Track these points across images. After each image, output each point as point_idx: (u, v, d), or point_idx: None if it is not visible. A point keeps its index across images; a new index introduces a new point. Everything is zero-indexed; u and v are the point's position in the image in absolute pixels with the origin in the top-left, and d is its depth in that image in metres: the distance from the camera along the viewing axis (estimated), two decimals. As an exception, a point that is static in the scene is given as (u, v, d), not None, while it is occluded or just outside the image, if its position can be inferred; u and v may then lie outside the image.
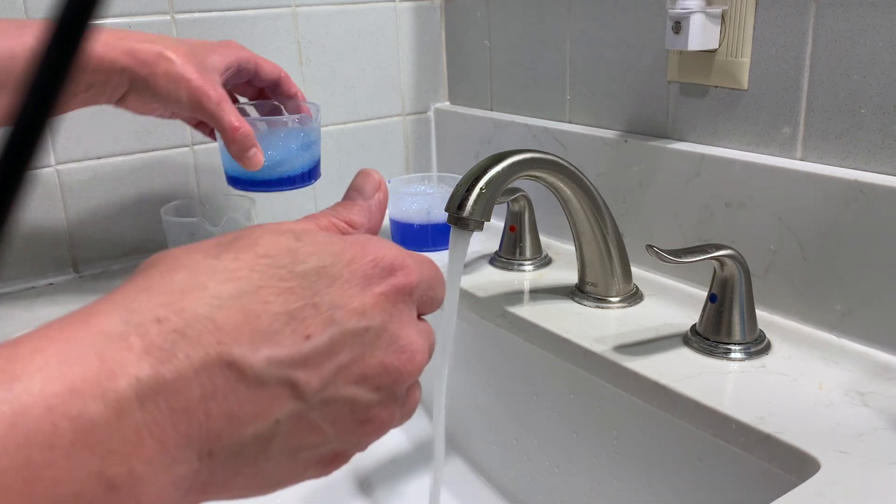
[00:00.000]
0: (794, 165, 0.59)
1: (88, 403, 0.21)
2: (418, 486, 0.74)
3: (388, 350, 0.28)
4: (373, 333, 0.28)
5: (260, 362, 0.24)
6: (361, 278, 0.28)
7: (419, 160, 1.01)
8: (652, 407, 0.55)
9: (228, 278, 0.25)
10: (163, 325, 0.23)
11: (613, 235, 0.66)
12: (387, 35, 0.94)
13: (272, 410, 0.25)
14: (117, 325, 0.23)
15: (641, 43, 0.71)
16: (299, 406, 0.26)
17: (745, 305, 0.56)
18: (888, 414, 0.48)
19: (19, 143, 0.18)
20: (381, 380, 0.28)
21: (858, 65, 0.55)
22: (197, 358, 0.23)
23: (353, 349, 0.27)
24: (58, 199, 0.78)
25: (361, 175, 0.35)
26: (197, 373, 0.23)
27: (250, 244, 0.27)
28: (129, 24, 0.78)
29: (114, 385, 0.21)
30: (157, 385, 0.22)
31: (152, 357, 0.22)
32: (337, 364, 0.27)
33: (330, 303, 0.27)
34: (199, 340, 0.23)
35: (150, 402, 0.22)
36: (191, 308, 0.24)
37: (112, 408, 0.21)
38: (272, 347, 0.25)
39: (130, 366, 0.22)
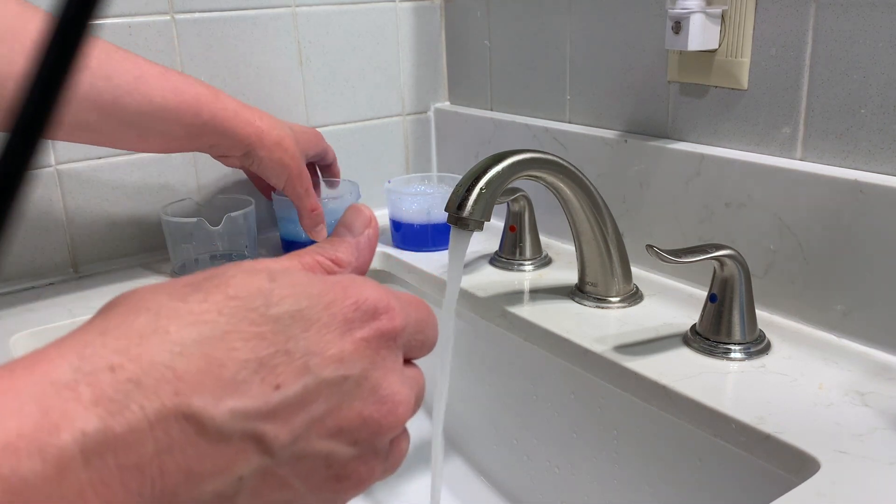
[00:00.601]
0: (794, 165, 0.59)
1: (23, 460, 0.19)
2: (418, 486, 0.74)
3: (367, 401, 0.26)
4: (352, 382, 0.26)
5: (222, 414, 0.23)
6: (341, 322, 0.26)
7: (419, 160, 1.01)
8: (652, 407, 0.55)
9: (193, 322, 0.23)
10: (116, 373, 0.21)
11: (613, 235, 0.66)
12: (387, 35, 0.94)
13: (235, 466, 0.23)
14: (66, 373, 0.21)
15: (641, 43, 0.71)
16: (266, 461, 0.24)
17: (745, 305, 0.56)
18: (888, 414, 0.48)
19: (19, 143, 0.18)
20: (360, 433, 0.26)
21: (858, 65, 0.55)
22: (152, 410, 0.21)
23: (329, 400, 0.25)
24: (58, 199, 0.78)
25: (351, 210, 0.33)
26: (151, 426, 0.21)
27: (221, 284, 0.25)
28: (129, 24, 0.78)
29: (56, 440, 0.20)
30: (106, 439, 0.20)
31: (101, 409, 0.21)
32: (310, 416, 0.25)
33: (305, 349, 0.25)
34: (156, 390, 0.22)
35: (96, 459, 0.20)
36: (148, 355, 0.22)
37: (52, 465, 0.19)
38: (237, 398, 0.23)
39: (77, 418, 0.20)
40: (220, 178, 0.87)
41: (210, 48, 0.83)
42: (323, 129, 0.92)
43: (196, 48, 0.82)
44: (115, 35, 0.77)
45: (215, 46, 0.83)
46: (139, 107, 0.62)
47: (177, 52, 0.81)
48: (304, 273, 0.28)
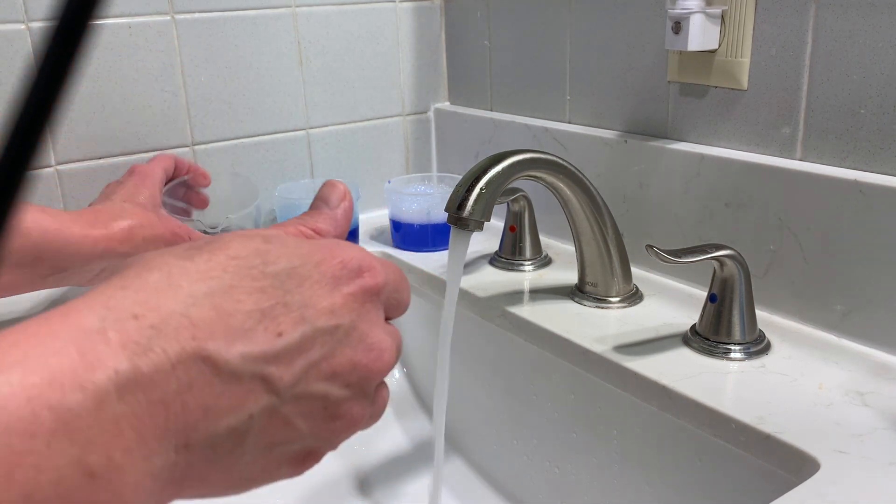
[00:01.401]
0: (793, 165, 0.59)
1: (68, 394, 0.21)
2: (418, 486, 0.74)
3: (357, 348, 0.29)
4: (342, 332, 0.29)
5: (234, 357, 0.25)
6: (330, 279, 0.29)
7: (419, 160, 1.01)
8: (652, 407, 0.55)
9: (202, 278, 0.26)
10: (139, 321, 0.24)
11: (613, 235, 0.66)
12: (387, 35, 0.94)
13: (246, 404, 0.26)
14: (95, 321, 0.23)
15: (641, 43, 0.71)
16: (272, 400, 0.26)
17: (744, 305, 0.56)
18: (888, 414, 0.48)
19: (19, 143, 0.18)
20: (351, 376, 0.29)
21: (858, 65, 0.55)
22: (173, 352, 0.24)
23: (324, 347, 0.28)
24: (58, 199, 0.78)
25: (327, 185, 0.36)
26: (173, 366, 0.24)
27: (221, 247, 0.27)
28: (129, 24, 0.78)
29: (93, 377, 0.22)
30: (135, 377, 0.23)
31: (129, 351, 0.23)
32: (308, 360, 0.27)
33: (300, 302, 0.27)
34: (175, 336, 0.24)
35: (128, 394, 0.22)
36: (166, 305, 0.24)
37: (91, 398, 0.22)
38: (246, 343, 0.25)
39: (109, 359, 0.22)
40: (220, 178, 0.87)
41: (210, 48, 0.83)
42: (323, 129, 0.92)
43: (196, 48, 0.82)
44: (115, 35, 0.77)
45: (215, 46, 0.83)
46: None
47: (177, 52, 0.81)
48: (293, 237, 0.30)
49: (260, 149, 0.88)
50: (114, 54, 0.78)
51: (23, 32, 0.73)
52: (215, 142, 0.85)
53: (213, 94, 0.84)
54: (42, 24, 0.74)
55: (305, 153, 0.92)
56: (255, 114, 0.87)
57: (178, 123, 0.82)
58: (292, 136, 0.90)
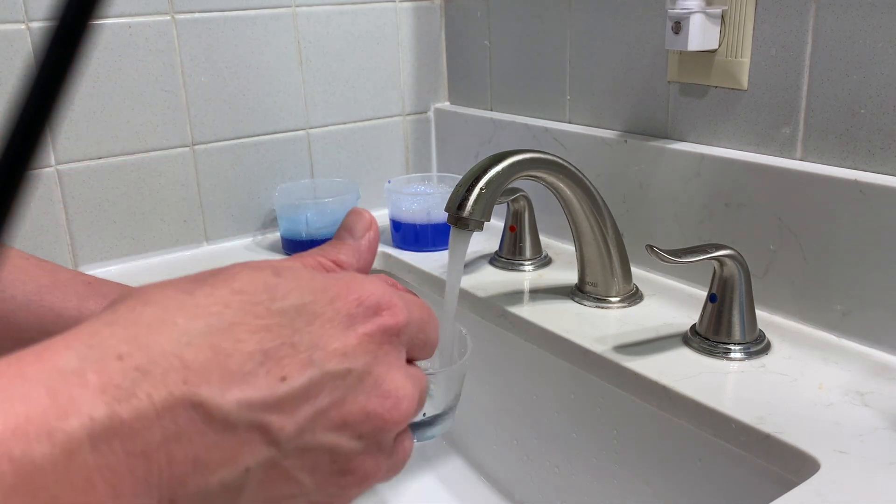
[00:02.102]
0: (794, 165, 0.59)
1: (33, 444, 0.19)
2: (418, 486, 0.74)
3: (371, 394, 0.26)
4: (355, 376, 0.26)
5: (229, 404, 0.23)
6: (345, 317, 0.26)
7: (419, 160, 1.01)
8: (652, 407, 0.55)
9: (200, 314, 0.24)
10: (124, 361, 0.22)
11: (613, 235, 0.66)
12: (387, 35, 0.94)
13: (242, 457, 0.23)
14: (73, 361, 0.21)
15: (641, 43, 0.71)
16: (272, 453, 0.24)
17: (744, 305, 0.56)
18: (888, 414, 0.48)
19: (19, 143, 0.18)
20: (364, 427, 0.26)
21: (858, 65, 0.55)
22: (159, 398, 0.21)
23: (333, 393, 0.25)
24: (58, 199, 0.78)
25: (352, 214, 0.33)
26: (159, 414, 0.21)
27: (227, 280, 0.25)
28: (129, 24, 0.78)
29: (64, 425, 0.20)
30: (113, 426, 0.21)
31: (109, 396, 0.21)
32: (315, 409, 0.25)
33: (309, 342, 0.25)
34: (164, 379, 0.22)
35: (103, 445, 0.20)
36: (157, 344, 0.22)
37: (60, 449, 0.20)
38: (244, 389, 0.23)
39: (84, 404, 0.20)
40: (219, 178, 0.87)
41: (210, 48, 0.83)
42: (323, 129, 0.92)
43: (196, 48, 0.82)
44: (115, 35, 0.77)
45: (215, 46, 0.83)
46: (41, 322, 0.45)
47: (177, 52, 0.81)
48: (308, 270, 0.28)
49: (260, 149, 0.88)
50: (114, 54, 0.78)
51: (23, 32, 0.73)
52: (215, 142, 0.85)
53: (213, 94, 0.84)
54: (42, 24, 0.74)
55: (305, 153, 0.92)
56: (255, 114, 0.87)
57: (178, 123, 0.82)
58: (292, 136, 0.90)
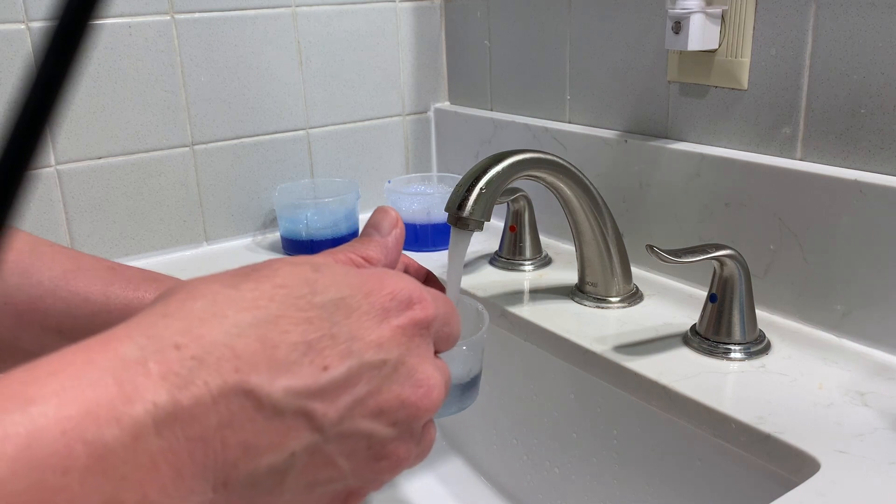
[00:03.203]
0: (794, 165, 0.59)
1: (104, 427, 0.21)
2: (418, 486, 0.74)
3: (405, 384, 0.28)
4: (390, 366, 0.27)
5: (277, 392, 0.24)
6: (379, 311, 0.28)
7: (419, 160, 1.01)
8: (652, 407, 0.55)
9: (247, 307, 0.25)
10: (181, 351, 0.23)
11: (613, 235, 0.66)
12: (387, 35, 0.94)
13: (288, 442, 0.25)
14: (135, 351, 0.22)
15: (641, 43, 0.71)
16: (316, 438, 0.25)
17: (745, 305, 0.56)
18: (888, 414, 0.48)
19: (19, 143, 0.18)
20: (398, 414, 0.28)
21: (858, 65, 0.55)
22: (215, 385, 0.23)
23: (371, 382, 0.27)
24: (58, 199, 0.78)
25: (379, 212, 0.35)
26: (215, 400, 0.23)
27: (269, 275, 0.27)
28: (129, 24, 0.78)
29: (130, 410, 0.21)
30: (175, 411, 0.22)
31: (169, 383, 0.22)
32: (354, 396, 0.26)
33: (348, 334, 0.27)
34: (218, 368, 0.23)
35: (166, 429, 0.22)
36: (209, 335, 0.24)
37: (128, 433, 0.21)
38: (290, 378, 0.25)
39: (148, 391, 0.22)
40: (220, 177, 0.87)
41: (210, 48, 0.83)
42: (323, 129, 0.92)
43: (196, 48, 0.82)
44: (115, 35, 0.77)
45: (215, 46, 0.83)
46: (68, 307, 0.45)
47: (177, 52, 0.81)
48: (343, 266, 0.29)
49: (260, 149, 0.88)
50: (114, 54, 0.78)
51: (23, 32, 0.73)
52: (215, 142, 0.85)
53: (213, 94, 0.84)
54: (42, 24, 0.74)
55: (305, 153, 0.92)
56: (255, 114, 0.87)
57: (178, 123, 0.82)
58: (292, 136, 0.90)
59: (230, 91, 0.85)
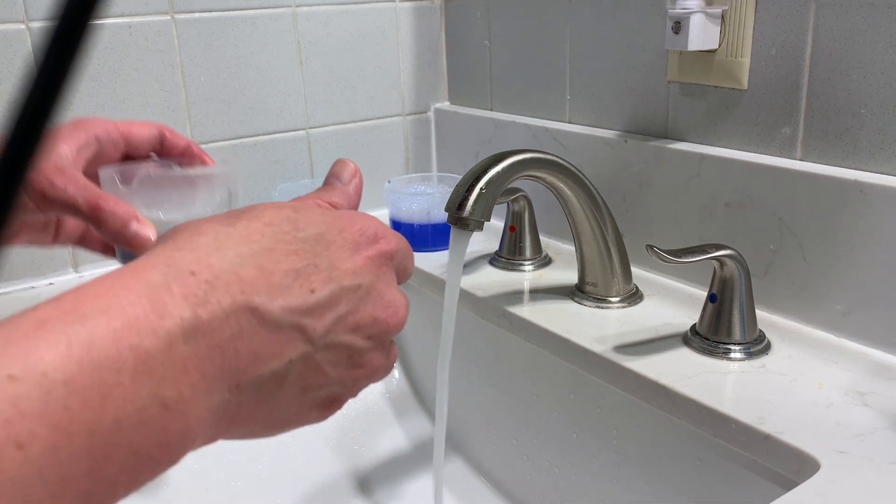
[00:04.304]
0: (793, 165, 0.59)
1: (144, 337, 0.25)
2: (418, 486, 0.74)
3: (376, 304, 0.33)
4: (363, 290, 0.32)
5: (276, 309, 0.28)
6: (352, 244, 0.32)
7: (419, 160, 1.01)
8: (652, 407, 0.55)
9: (244, 241, 0.29)
10: (196, 276, 0.27)
11: (613, 235, 0.66)
12: (387, 35, 0.94)
13: (287, 351, 0.29)
14: (159, 277, 0.27)
15: (641, 43, 0.71)
16: (308, 348, 0.30)
17: (744, 305, 0.56)
18: (888, 414, 0.48)
19: (19, 143, 0.18)
20: (372, 329, 0.32)
21: (858, 65, 0.55)
22: (226, 303, 0.27)
23: (349, 303, 0.31)
24: (58, 199, 0.78)
25: (339, 163, 0.40)
26: (227, 316, 0.27)
27: (258, 215, 0.31)
28: (129, 24, 0.78)
29: (163, 323, 0.25)
30: (197, 325, 0.26)
31: (190, 302, 0.26)
32: (336, 314, 0.31)
33: (328, 263, 0.31)
34: (227, 290, 0.27)
35: (192, 339, 0.26)
36: (217, 264, 0.28)
37: (163, 341, 0.25)
38: (285, 298, 0.29)
39: (174, 308, 0.26)
40: (220, 178, 0.87)
41: (210, 48, 0.83)
42: (323, 130, 0.92)
43: (196, 48, 0.82)
44: (115, 35, 0.77)
45: (215, 46, 0.83)
46: None
47: (177, 52, 0.81)
48: (316, 207, 0.34)
49: (260, 149, 0.88)
50: (114, 54, 0.78)
51: (23, 32, 0.73)
52: (215, 142, 0.85)
53: (213, 94, 0.84)
54: (42, 24, 0.74)
55: (305, 153, 0.92)
56: (255, 114, 0.87)
57: (178, 123, 0.82)
58: (292, 136, 0.90)
59: (230, 91, 0.85)
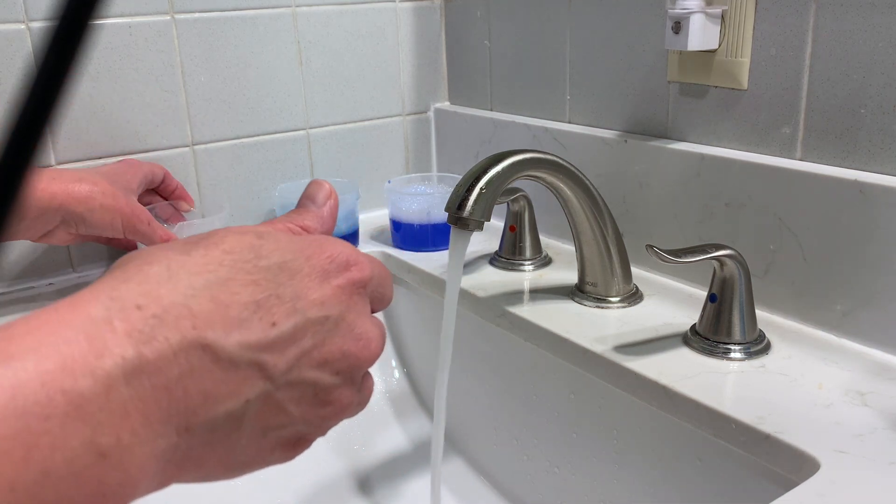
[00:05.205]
0: (793, 165, 0.59)
1: (79, 379, 0.23)
2: (418, 486, 0.74)
3: (346, 337, 0.31)
4: (332, 322, 0.30)
5: (232, 345, 0.27)
6: (320, 272, 0.30)
7: (419, 160, 1.01)
8: (652, 407, 0.55)
9: (199, 271, 0.27)
10: (143, 311, 0.25)
11: (613, 235, 0.66)
12: (387, 35, 0.94)
13: (243, 390, 0.27)
14: (101, 311, 0.25)
15: (641, 43, 0.71)
16: (267, 387, 0.28)
17: (744, 305, 0.56)
18: (888, 414, 0.48)
19: (19, 143, 0.18)
20: (340, 364, 0.31)
21: (858, 65, 0.55)
22: (175, 340, 0.25)
23: (315, 336, 0.29)
24: (58, 199, 0.78)
25: (313, 185, 0.38)
26: (175, 354, 0.25)
27: (217, 242, 0.29)
28: (129, 24, 0.78)
29: (101, 363, 0.23)
30: (140, 364, 0.24)
31: (134, 339, 0.24)
32: (300, 349, 0.29)
33: (292, 294, 0.29)
34: (176, 325, 0.25)
35: (134, 380, 0.24)
36: (167, 296, 0.26)
37: (101, 383, 0.23)
38: (242, 333, 0.27)
39: (116, 346, 0.24)
40: (220, 177, 0.87)
41: (210, 48, 0.83)
42: (323, 130, 0.92)
43: (196, 48, 0.82)
44: (115, 35, 0.77)
45: (215, 46, 0.83)
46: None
47: (177, 52, 0.81)
48: (284, 233, 0.32)
49: (260, 149, 0.88)
50: (114, 54, 0.78)
51: (23, 32, 0.73)
52: (215, 142, 0.85)
53: (213, 94, 0.84)
54: (42, 24, 0.74)
55: (305, 153, 0.92)
56: (255, 114, 0.87)
57: (178, 123, 0.82)
58: (292, 136, 0.90)
59: (230, 91, 0.85)
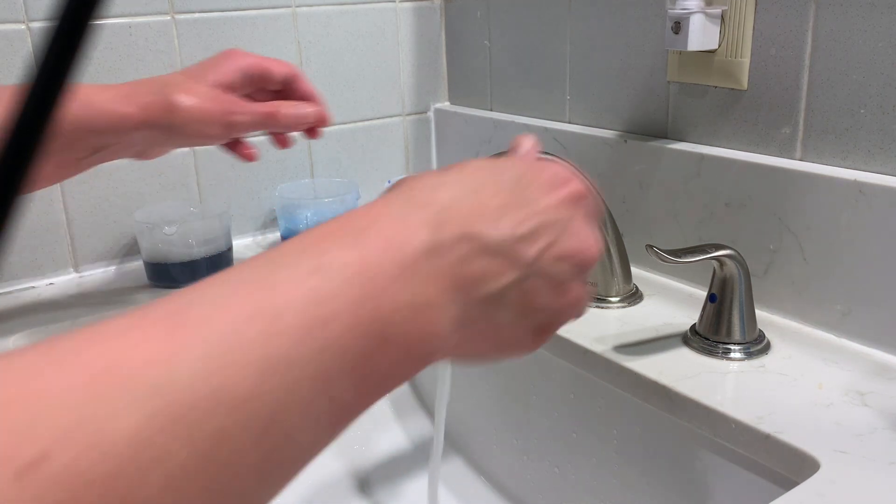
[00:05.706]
0: (793, 165, 0.59)
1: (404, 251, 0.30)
2: (418, 486, 0.74)
3: (573, 238, 0.36)
4: (561, 225, 0.36)
5: (495, 237, 0.33)
6: (548, 185, 0.37)
7: (419, 160, 1.01)
8: (652, 407, 0.55)
9: (458, 183, 0.34)
10: (428, 209, 0.32)
11: (613, 235, 0.66)
12: (387, 35, 0.94)
13: (505, 274, 0.33)
14: (402, 210, 0.32)
15: (641, 43, 0.71)
16: (520, 273, 0.34)
17: (744, 305, 0.56)
18: (888, 414, 0.48)
19: (19, 143, 0.18)
20: (572, 261, 0.36)
21: (858, 65, 0.55)
22: (455, 231, 0.32)
23: (550, 235, 0.35)
24: (58, 198, 0.78)
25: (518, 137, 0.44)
26: (455, 241, 0.32)
27: (462, 167, 0.36)
28: (129, 24, 0.78)
29: (412, 243, 0.30)
30: (435, 247, 0.31)
31: (429, 228, 0.31)
32: (541, 245, 0.35)
33: (529, 200, 0.35)
34: (454, 220, 0.32)
35: (433, 258, 0.31)
36: (441, 201, 0.33)
37: (410, 258, 0.30)
38: (500, 228, 0.33)
39: (417, 231, 0.31)
40: (220, 177, 0.87)
41: (210, 48, 0.83)
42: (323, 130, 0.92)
43: (196, 48, 0.82)
44: (115, 35, 0.77)
45: (215, 46, 0.83)
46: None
47: (177, 52, 0.81)
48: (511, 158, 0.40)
49: (260, 149, 0.88)
50: (114, 54, 0.78)
51: (23, 32, 0.73)
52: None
53: (213, 94, 0.84)
54: (42, 24, 0.74)
55: (305, 153, 0.92)
56: (255, 114, 0.87)
57: (178, 123, 0.82)
58: (292, 137, 0.90)
59: (230, 91, 0.85)
